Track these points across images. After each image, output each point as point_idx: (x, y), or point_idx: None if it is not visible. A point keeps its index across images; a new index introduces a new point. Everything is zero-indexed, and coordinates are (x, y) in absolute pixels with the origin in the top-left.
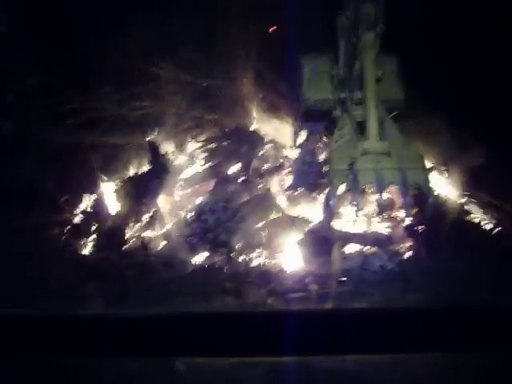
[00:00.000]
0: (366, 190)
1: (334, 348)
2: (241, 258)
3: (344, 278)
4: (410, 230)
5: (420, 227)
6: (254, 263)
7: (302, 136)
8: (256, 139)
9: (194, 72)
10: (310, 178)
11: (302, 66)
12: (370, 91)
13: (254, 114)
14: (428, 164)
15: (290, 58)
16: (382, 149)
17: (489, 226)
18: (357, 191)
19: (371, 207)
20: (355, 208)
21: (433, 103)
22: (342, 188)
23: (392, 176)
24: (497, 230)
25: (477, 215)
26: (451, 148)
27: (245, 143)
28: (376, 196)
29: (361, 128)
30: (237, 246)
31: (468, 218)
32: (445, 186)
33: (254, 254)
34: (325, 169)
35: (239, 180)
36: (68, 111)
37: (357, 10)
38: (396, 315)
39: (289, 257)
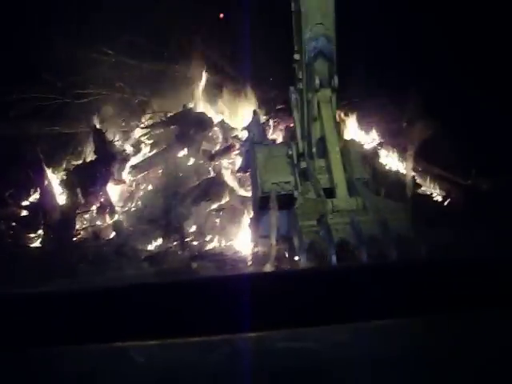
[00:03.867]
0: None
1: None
2: (195, 243)
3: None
4: None
5: None
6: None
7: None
8: (204, 121)
9: (138, 56)
10: None
11: (255, 153)
12: (332, 146)
13: (201, 96)
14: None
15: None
16: (355, 205)
17: (439, 198)
18: (331, 247)
19: None
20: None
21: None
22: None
23: (372, 229)
24: (447, 200)
25: (428, 188)
26: (401, 123)
27: (193, 126)
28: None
29: (327, 193)
30: (190, 231)
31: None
32: (395, 160)
33: (207, 238)
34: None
35: (189, 163)
36: (10, 102)
37: (309, 68)
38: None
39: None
